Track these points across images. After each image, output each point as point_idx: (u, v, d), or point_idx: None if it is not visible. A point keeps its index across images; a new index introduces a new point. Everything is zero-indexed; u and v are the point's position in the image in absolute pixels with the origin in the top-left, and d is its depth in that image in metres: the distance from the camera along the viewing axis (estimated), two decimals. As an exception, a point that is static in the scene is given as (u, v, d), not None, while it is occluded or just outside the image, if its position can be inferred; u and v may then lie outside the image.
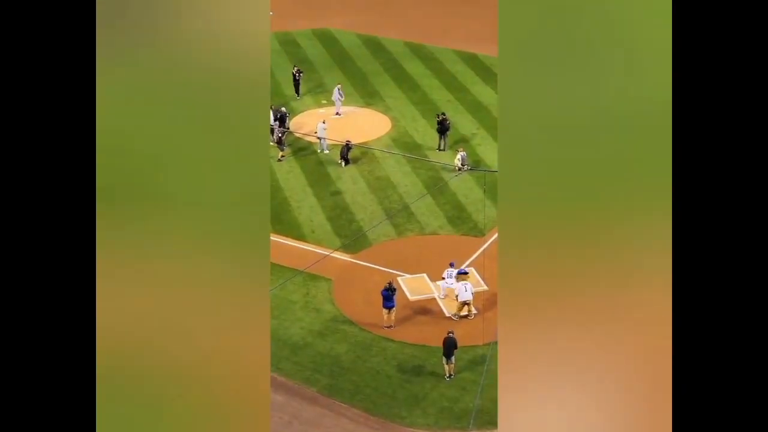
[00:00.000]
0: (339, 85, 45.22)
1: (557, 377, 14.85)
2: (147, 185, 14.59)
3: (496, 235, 34.20)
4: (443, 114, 41.92)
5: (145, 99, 14.62)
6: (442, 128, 41.20)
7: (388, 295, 29.44)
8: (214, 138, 14.83)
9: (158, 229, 14.58)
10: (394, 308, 29.61)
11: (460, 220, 35.93)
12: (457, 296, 30.01)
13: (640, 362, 14.59)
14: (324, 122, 41.61)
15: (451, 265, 31.06)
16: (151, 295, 14.48)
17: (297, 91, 47.28)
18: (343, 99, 44.82)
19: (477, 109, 45.38)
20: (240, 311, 14.75)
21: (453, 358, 27.33)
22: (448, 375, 27.43)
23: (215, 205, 14.78)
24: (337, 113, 44.50)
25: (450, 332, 27.56)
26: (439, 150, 41.13)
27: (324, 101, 46.20)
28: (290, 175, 39.41)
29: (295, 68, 47.82)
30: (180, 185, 14.68)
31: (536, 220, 14.91)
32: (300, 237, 34.81)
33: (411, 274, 32.39)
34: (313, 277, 31.96)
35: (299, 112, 45.29)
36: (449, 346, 27.28)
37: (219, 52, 14.73)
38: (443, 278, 30.98)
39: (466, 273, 30.95)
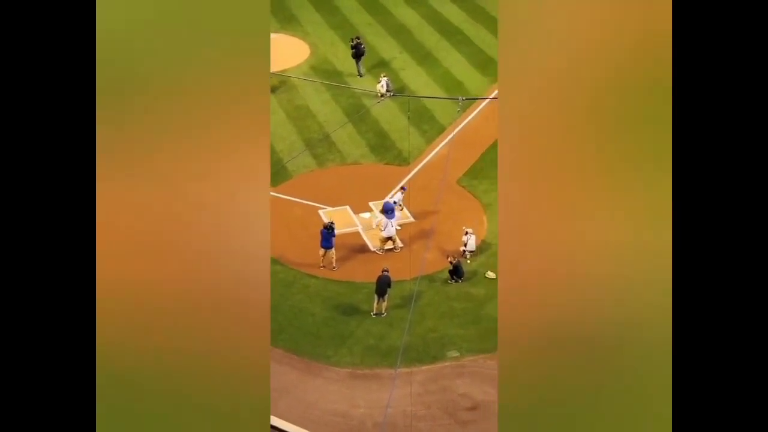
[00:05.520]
0: None
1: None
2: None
3: (422, 164, 33.39)
4: (357, 38, 40.57)
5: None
6: (357, 53, 39.97)
7: (326, 234, 28.18)
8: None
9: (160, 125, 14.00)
10: (332, 249, 28.40)
11: (384, 148, 34.96)
12: (382, 229, 28.95)
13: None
14: None
15: (403, 189, 30.72)
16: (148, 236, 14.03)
17: None
18: None
19: (399, 32, 44.01)
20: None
21: (386, 297, 26.58)
22: (377, 313, 26.59)
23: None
24: None
25: (384, 270, 26.69)
26: (360, 76, 39.70)
27: (238, 27, 44.09)
28: (204, 105, 37.57)
29: None
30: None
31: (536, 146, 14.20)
32: (215, 171, 33.23)
33: (333, 206, 31.37)
34: (230, 213, 30.57)
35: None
36: (382, 284, 26.49)
37: None
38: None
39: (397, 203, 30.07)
